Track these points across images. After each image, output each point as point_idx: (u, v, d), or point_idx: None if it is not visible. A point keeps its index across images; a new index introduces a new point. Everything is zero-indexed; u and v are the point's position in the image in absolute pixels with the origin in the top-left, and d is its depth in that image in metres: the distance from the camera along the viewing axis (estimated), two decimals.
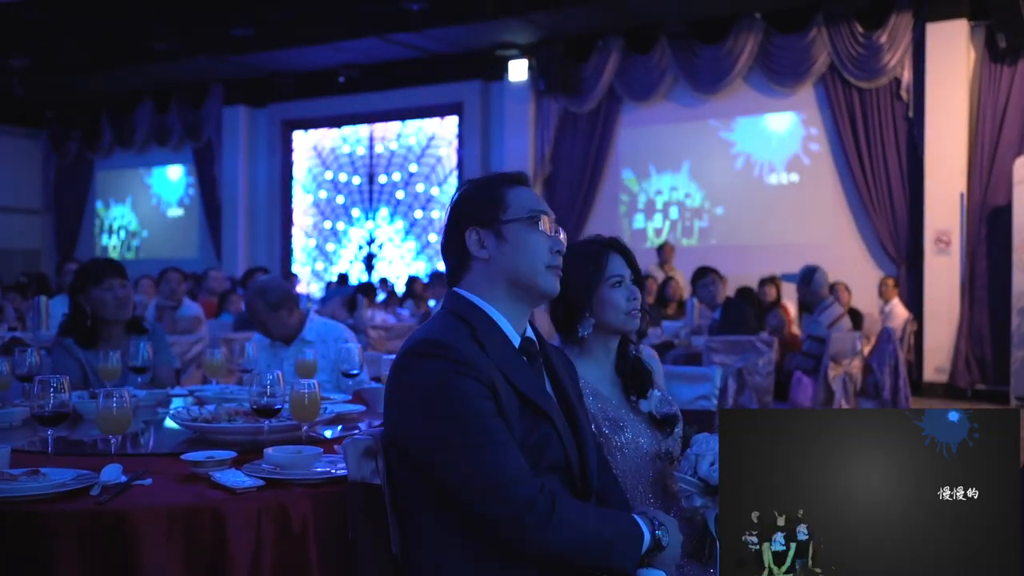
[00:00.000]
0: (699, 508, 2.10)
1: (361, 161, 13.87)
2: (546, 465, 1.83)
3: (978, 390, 9.77)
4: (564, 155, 12.13)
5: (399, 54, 12.43)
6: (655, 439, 2.28)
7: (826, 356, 5.89)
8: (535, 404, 1.85)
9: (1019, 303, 9.25)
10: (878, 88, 10.31)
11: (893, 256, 10.28)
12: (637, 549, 1.82)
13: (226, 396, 3.03)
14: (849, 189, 10.61)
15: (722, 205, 11.46)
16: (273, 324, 3.87)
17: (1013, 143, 9.66)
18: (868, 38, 10.23)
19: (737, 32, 10.90)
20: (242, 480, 2.03)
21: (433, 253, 13.39)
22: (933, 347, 9.96)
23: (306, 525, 1.97)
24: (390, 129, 13.63)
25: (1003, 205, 9.56)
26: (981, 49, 9.88)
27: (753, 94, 11.16)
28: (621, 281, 2.30)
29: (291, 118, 14.26)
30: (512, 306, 1.93)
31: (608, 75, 11.63)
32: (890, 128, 10.27)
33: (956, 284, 9.89)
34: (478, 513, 1.73)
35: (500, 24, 11.31)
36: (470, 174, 12.74)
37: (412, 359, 1.81)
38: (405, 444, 1.81)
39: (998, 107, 9.77)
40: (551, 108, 12.12)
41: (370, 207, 13.78)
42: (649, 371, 2.38)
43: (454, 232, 1.96)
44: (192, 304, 6.90)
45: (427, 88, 12.81)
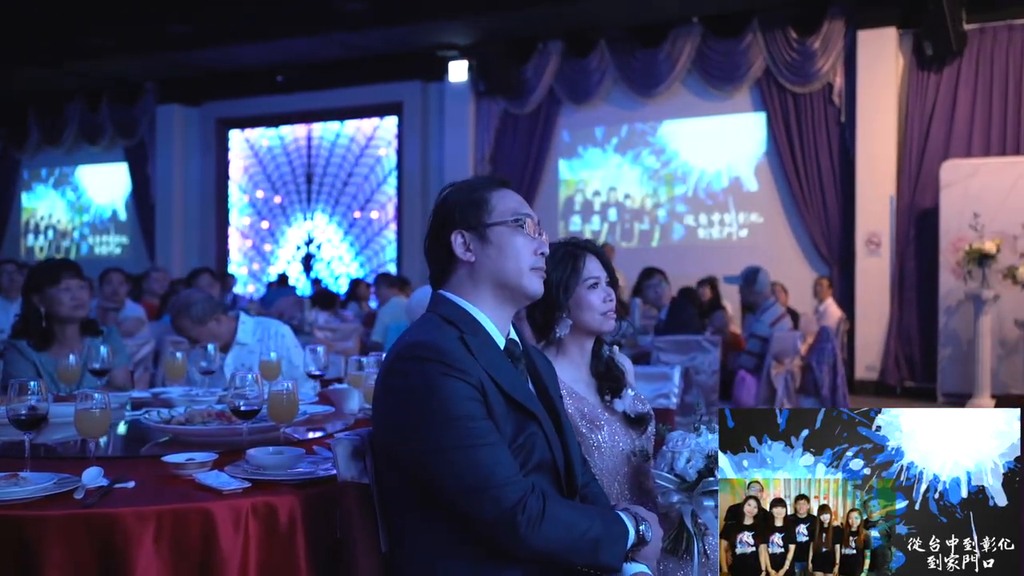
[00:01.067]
0: (675, 504, 2.16)
1: (299, 161, 13.74)
2: (533, 465, 1.86)
3: (907, 387, 10.08)
4: (504, 156, 12.18)
5: (338, 53, 12.34)
6: (630, 437, 2.34)
7: (769, 355, 6.04)
8: (522, 405, 1.88)
9: (946, 303, 9.58)
10: (812, 93, 10.58)
11: (826, 257, 10.56)
12: (623, 545, 1.87)
13: (192, 398, 3.01)
14: (783, 191, 10.86)
15: (660, 206, 11.63)
16: (204, 337, 3.83)
17: (939, 147, 10.00)
18: (802, 44, 10.50)
19: (675, 37, 11.08)
20: (227, 481, 2.04)
21: (372, 254, 13.34)
22: (864, 345, 10.26)
23: (294, 525, 1.99)
24: (329, 129, 13.54)
25: (930, 207, 9.88)
26: (909, 56, 10.20)
27: (691, 97, 11.35)
28: (597, 283, 2.35)
29: (227, 117, 14.06)
30: (497, 308, 1.96)
31: (548, 77, 11.73)
32: (823, 132, 10.55)
33: (886, 284, 10.20)
34: (470, 514, 1.76)
35: (440, 25, 11.32)
36: (410, 175, 12.74)
37: (403, 362, 1.83)
38: (395, 445, 1.83)
39: (925, 112, 10.10)
40: (491, 109, 12.17)
41: (308, 207, 13.66)
42: (622, 371, 2.44)
43: (439, 235, 1.98)
44: (134, 306, 6.78)
45: (366, 88, 12.75)
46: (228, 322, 3.96)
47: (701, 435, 2.15)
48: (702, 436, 2.15)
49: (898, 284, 10.15)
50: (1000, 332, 9.20)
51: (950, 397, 9.48)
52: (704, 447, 2.13)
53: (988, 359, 8.99)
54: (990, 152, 9.81)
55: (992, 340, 9.05)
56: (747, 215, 11.13)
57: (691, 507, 2.15)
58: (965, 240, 9.24)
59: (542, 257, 1.98)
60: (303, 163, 13.71)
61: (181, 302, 3.91)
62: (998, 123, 9.88)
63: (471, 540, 1.80)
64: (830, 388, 6.55)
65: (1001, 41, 9.86)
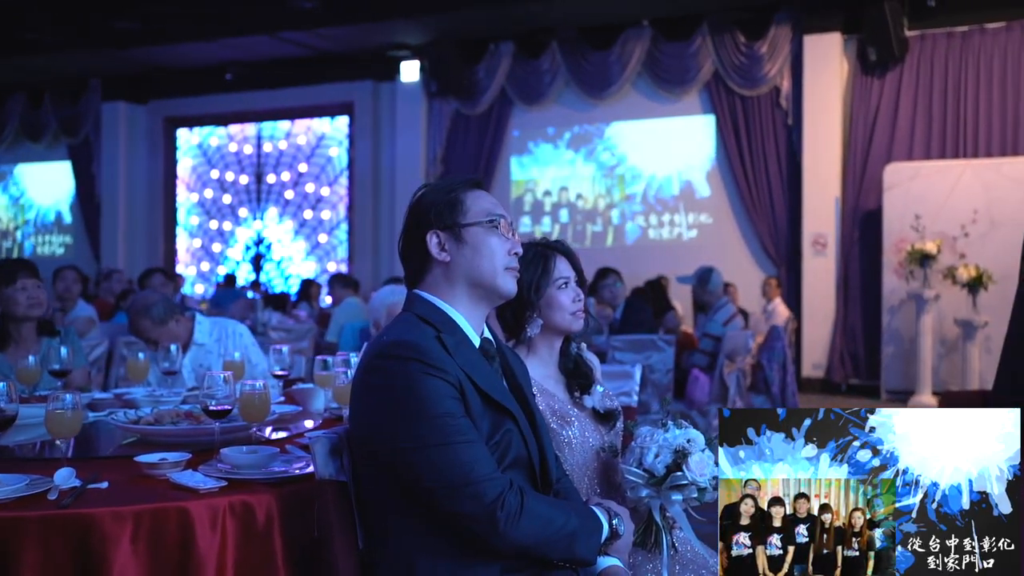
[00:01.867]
0: (644, 498, 2.21)
1: (248, 160, 13.62)
2: (509, 462, 1.90)
3: (852, 384, 10.31)
4: (456, 156, 12.20)
5: (289, 52, 12.26)
6: (599, 433, 2.38)
7: (722, 354, 6.15)
8: (498, 403, 1.92)
9: (889, 302, 9.82)
10: (759, 96, 10.76)
11: (774, 257, 10.75)
12: (597, 539, 1.92)
13: (157, 398, 3.00)
14: (732, 193, 11.04)
15: (611, 207, 11.74)
16: (163, 338, 3.81)
17: (883, 151, 10.24)
18: (750, 48, 10.68)
19: (625, 39, 11.20)
20: (203, 480, 2.04)
21: (323, 254, 13.26)
22: (810, 344, 10.47)
23: (271, 524, 2.00)
24: (279, 128, 13.43)
25: (874, 209, 10.12)
26: (854, 61, 10.44)
27: (641, 99, 11.48)
28: (567, 283, 2.40)
29: (175, 115, 13.87)
30: (472, 307, 2.00)
31: (500, 78, 11.77)
32: (771, 135, 10.74)
33: (832, 284, 10.43)
34: (451, 510, 1.79)
35: (392, 25, 11.31)
36: (361, 174, 12.70)
37: (382, 360, 1.85)
38: (375, 444, 1.85)
39: (869, 116, 10.34)
40: (443, 110, 12.18)
41: (258, 207, 13.54)
42: (591, 368, 2.49)
43: (414, 235, 2.01)
44: (86, 306, 6.67)
45: (317, 87, 12.68)
46: (185, 323, 3.95)
47: (668, 431, 2.20)
48: (669, 432, 2.20)
49: (843, 284, 10.37)
50: (940, 331, 9.45)
51: (893, 394, 9.72)
52: (672, 442, 2.18)
53: (929, 357, 9.24)
54: (931, 155, 10.08)
55: (933, 338, 9.30)
56: (697, 216, 11.29)
57: (659, 501, 2.20)
58: (907, 241, 9.48)
59: (516, 257, 2.02)
60: (253, 162, 13.59)
61: (140, 303, 3.88)
62: (938, 127, 10.15)
63: (450, 536, 1.83)
64: (780, 386, 6.68)
65: (941, 48, 10.14)
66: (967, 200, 9.37)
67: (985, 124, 9.99)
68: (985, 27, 9.98)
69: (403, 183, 12.31)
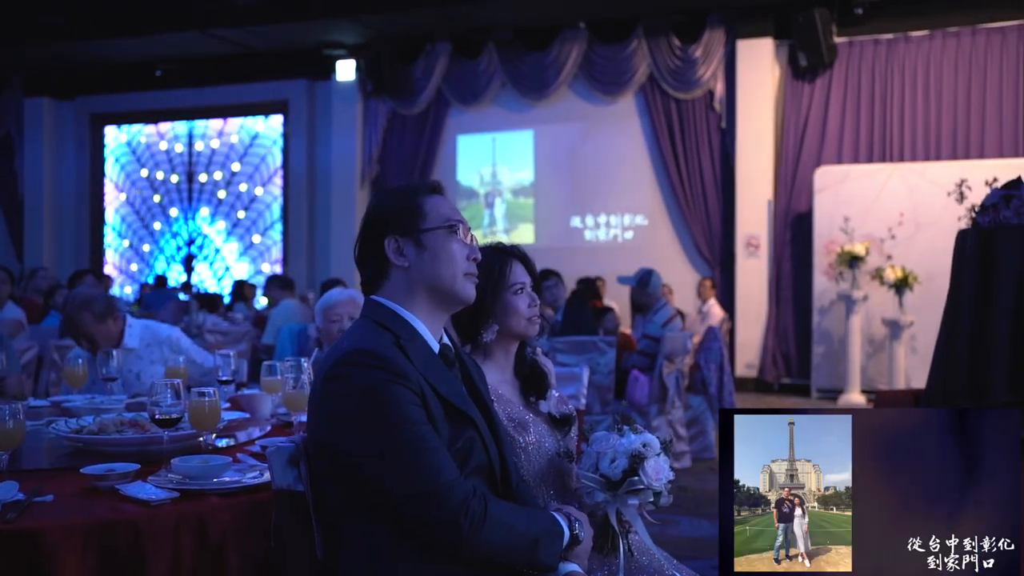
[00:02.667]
0: (600, 503, 2.21)
1: (180, 159, 13.34)
2: (471, 469, 1.89)
3: (784, 384, 10.52)
4: (392, 157, 12.14)
5: (221, 49, 12.04)
6: (555, 439, 2.39)
7: (661, 355, 6.21)
8: (460, 410, 1.91)
9: (819, 303, 10.04)
10: (694, 99, 10.91)
11: (708, 259, 10.91)
12: (559, 545, 1.92)
13: (97, 406, 2.91)
14: (667, 195, 11.17)
15: (547, 209, 11.79)
16: (101, 336, 3.72)
17: (813, 154, 10.47)
18: (684, 51, 10.82)
19: (562, 41, 11.26)
20: (154, 492, 1.99)
21: (257, 255, 13.07)
22: (744, 344, 10.65)
23: (224, 535, 1.96)
24: (211, 126, 13.18)
25: (805, 212, 10.34)
26: (785, 66, 10.65)
27: (578, 101, 11.55)
28: (523, 288, 2.39)
29: (102, 112, 13.53)
30: (431, 313, 1.99)
31: (436, 78, 11.74)
32: (704, 138, 10.90)
33: (764, 285, 10.62)
34: (415, 518, 1.78)
35: (327, 23, 11.19)
36: (296, 174, 12.55)
37: (343, 368, 1.83)
38: (336, 452, 1.82)
39: (800, 121, 10.56)
40: (379, 109, 12.10)
41: (190, 207, 13.28)
42: (545, 373, 2.49)
43: (372, 240, 1.99)
44: (15, 308, 6.45)
45: (251, 85, 12.50)
46: (120, 323, 3.85)
47: (625, 435, 2.22)
48: (626, 436, 2.21)
49: (775, 285, 10.57)
50: (868, 330, 9.69)
51: (823, 393, 9.94)
52: (628, 447, 2.19)
53: (858, 356, 9.47)
54: (859, 159, 10.34)
55: (861, 338, 9.53)
56: (632, 218, 11.40)
57: (616, 506, 2.21)
58: (837, 243, 9.70)
59: (474, 263, 2.01)
60: (184, 161, 13.32)
61: (81, 297, 3.77)
62: (865, 131, 10.41)
63: (412, 544, 1.81)
64: (717, 386, 6.78)
65: (868, 54, 10.40)
66: (893, 203, 9.62)
67: (910, 129, 10.27)
68: (910, 35, 10.27)
69: (339, 183, 12.21)
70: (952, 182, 9.17)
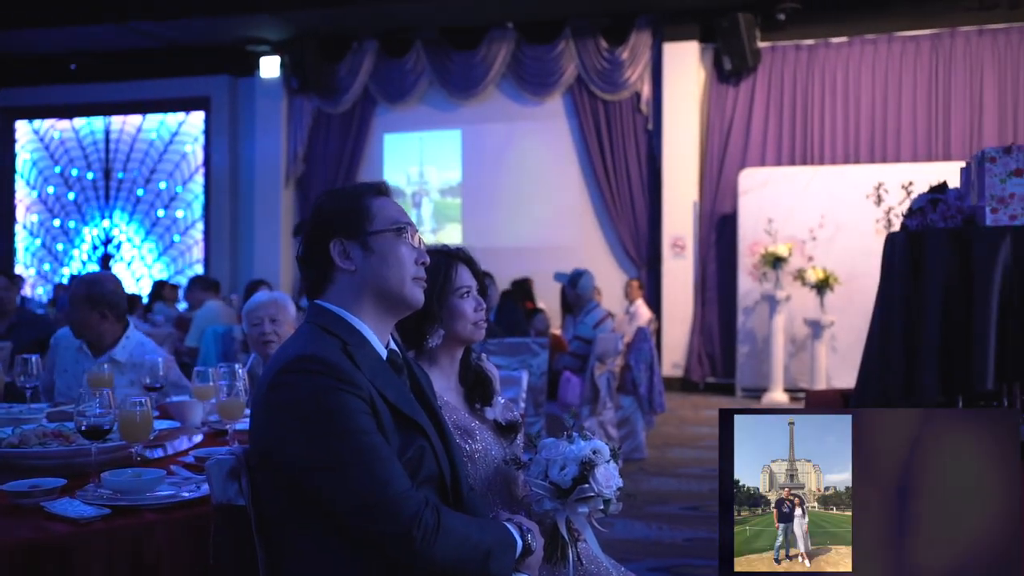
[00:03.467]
0: (550, 511, 2.18)
1: (96, 155, 12.91)
2: (422, 479, 1.83)
3: (709, 383, 10.65)
4: (318, 155, 11.96)
5: (140, 43, 11.69)
6: (501, 445, 2.34)
7: (593, 356, 6.21)
8: (409, 418, 1.85)
9: (744, 303, 10.19)
10: (621, 101, 10.98)
11: (635, 259, 10.99)
12: (512, 555, 1.88)
13: (15, 416, 2.77)
14: (595, 196, 11.22)
15: (475, 209, 11.74)
16: (78, 326, 3.55)
17: (737, 157, 10.63)
18: (612, 53, 10.88)
19: (490, 41, 11.22)
20: (83, 509, 1.89)
21: (177, 255, 12.73)
22: (670, 344, 10.75)
23: (161, 553, 1.88)
24: (129, 122, 12.79)
25: (730, 213, 10.49)
26: (710, 69, 10.79)
27: (506, 101, 11.53)
28: (469, 291, 2.34)
29: (13, 106, 13.01)
30: (378, 318, 1.92)
31: (363, 76, 11.60)
32: (632, 139, 10.98)
33: (690, 286, 10.74)
34: (365, 531, 1.71)
35: (250, 19, 10.97)
36: (218, 171, 12.27)
37: (289, 376, 1.75)
38: (281, 463, 1.75)
39: (724, 123, 10.72)
40: (304, 107, 11.91)
41: (106, 205, 12.87)
42: (490, 379, 2.44)
43: (317, 243, 1.92)
44: None
45: (171, 81, 12.16)
46: (115, 329, 3.60)
47: (574, 442, 2.18)
48: (575, 443, 2.18)
49: (701, 285, 10.71)
50: (791, 330, 9.87)
51: (748, 392, 10.10)
52: (578, 454, 2.15)
53: (781, 355, 9.64)
54: (782, 162, 10.53)
55: (784, 338, 9.71)
56: (560, 218, 11.41)
57: (565, 514, 2.17)
58: (760, 244, 9.87)
59: (423, 267, 1.95)
60: (100, 158, 12.89)
61: (91, 276, 3.62)
62: (788, 135, 10.61)
63: (360, 557, 1.75)
64: (647, 387, 6.81)
65: (790, 59, 10.60)
66: (815, 205, 9.82)
67: (830, 133, 10.51)
68: (830, 41, 10.50)
69: (263, 182, 11.97)
70: (870, 185, 9.58)
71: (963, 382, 3.54)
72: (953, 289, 3.55)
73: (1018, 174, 3.54)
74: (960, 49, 10.11)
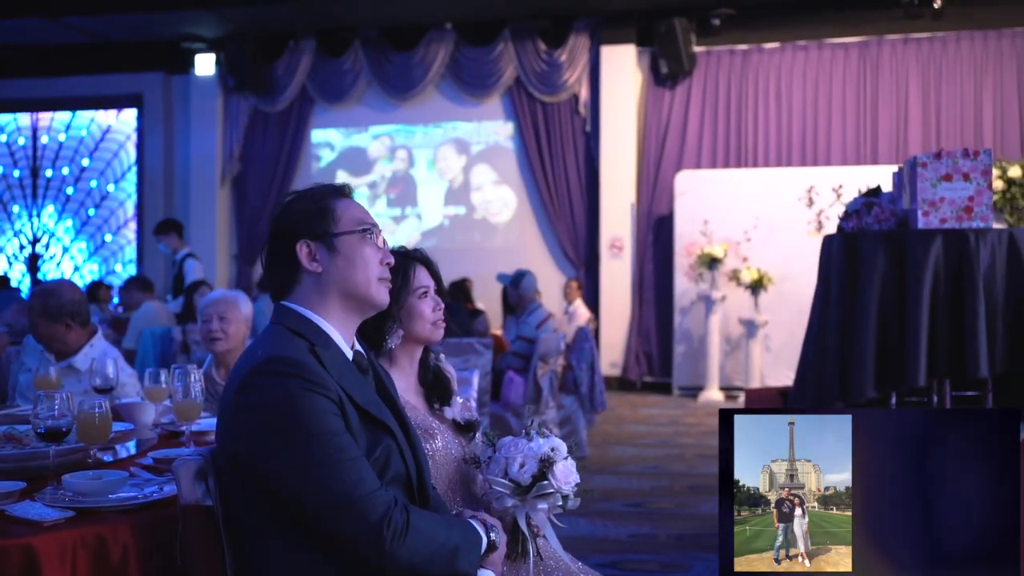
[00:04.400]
0: (510, 508, 2.22)
1: (23, 153, 12.57)
2: (389, 478, 1.86)
3: (646, 382, 10.80)
4: (255, 154, 11.82)
5: (69, 38, 11.41)
6: (460, 444, 2.38)
7: (535, 356, 6.27)
8: (376, 419, 1.88)
9: (680, 303, 10.36)
10: (559, 103, 11.08)
11: (573, 260, 11.10)
12: (478, 552, 1.92)
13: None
14: (533, 196, 11.30)
15: (413, 211, 11.73)
16: (43, 337, 3.51)
17: (674, 159, 10.81)
18: (550, 55, 10.96)
19: (428, 41, 11.22)
20: (46, 512, 1.88)
21: (109, 255, 12.47)
22: (608, 343, 10.87)
23: (127, 556, 1.87)
24: (58, 119, 12.48)
25: (666, 214, 10.66)
26: (647, 73, 10.94)
27: (444, 102, 11.54)
28: (427, 292, 2.38)
29: None
30: (343, 319, 1.95)
31: (300, 75, 11.51)
32: (570, 141, 11.08)
33: (628, 286, 10.88)
34: (334, 530, 1.74)
35: (184, 15, 10.80)
36: (151, 170, 12.06)
37: (257, 378, 1.77)
38: (251, 464, 1.76)
39: (661, 126, 10.89)
40: (241, 106, 11.77)
41: (34, 203, 12.54)
42: (448, 379, 2.48)
43: (282, 245, 1.94)
44: None
45: (102, 77, 11.90)
46: (79, 335, 3.56)
47: (533, 440, 2.23)
48: (534, 441, 2.23)
49: (638, 286, 10.85)
50: (726, 330, 10.07)
51: (684, 391, 10.27)
52: (536, 452, 2.21)
53: (716, 355, 9.84)
54: (717, 164, 10.74)
55: (719, 337, 9.90)
56: (498, 219, 11.47)
57: (525, 510, 2.22)
58: (697, 245, 10.05)
59: (388, 268, 1.98)
60: (28, 155, 12.56)
61: (48, 286, 3.54)
62: (723, 137, 10.82)
63: (329, 557, 1.77)
64: (589, 386, 6.90)
65: (725, 64, 10.81)
66: (749, 207, 10.03)
67: (763, 136, 10.74)
68: (763, 47, 10.74)
69: (198, 181, 11.79)
70: (802, 187, 9.83)
71: (896, 379, 3.69)
72: (887, 289, 3.70)
73: (948, 179, 3.69)
74: (887, 56, 10.43)
